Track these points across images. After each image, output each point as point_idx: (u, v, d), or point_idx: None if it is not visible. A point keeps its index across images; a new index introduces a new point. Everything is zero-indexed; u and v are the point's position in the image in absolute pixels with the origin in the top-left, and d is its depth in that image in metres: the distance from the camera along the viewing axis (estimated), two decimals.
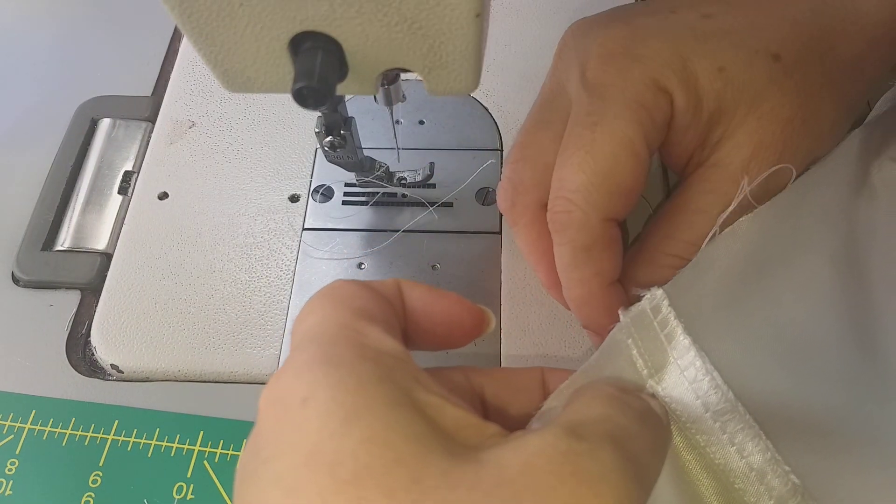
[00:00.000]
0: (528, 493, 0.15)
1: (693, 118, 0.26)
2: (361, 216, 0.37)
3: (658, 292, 0.23)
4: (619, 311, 0.24)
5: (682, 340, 0.22)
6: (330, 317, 0.19)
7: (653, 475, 0.19)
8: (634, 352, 0.23)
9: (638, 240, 0.30)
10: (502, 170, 0.31)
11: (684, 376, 0.22)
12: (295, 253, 0.36)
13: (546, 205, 0.28)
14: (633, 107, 0.25)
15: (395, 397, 0.17)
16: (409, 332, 0.22)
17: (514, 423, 0.21)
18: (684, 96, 0.26)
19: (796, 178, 0.27)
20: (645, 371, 0.23)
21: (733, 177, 0.26)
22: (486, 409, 0.23)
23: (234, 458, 0.31)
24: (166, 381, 0.34)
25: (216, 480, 0.31)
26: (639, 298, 0.24)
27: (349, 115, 0.32)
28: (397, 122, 0.41)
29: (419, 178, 0.38)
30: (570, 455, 0.16)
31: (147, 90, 0.44)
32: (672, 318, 0.23)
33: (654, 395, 0.22)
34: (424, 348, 0.23)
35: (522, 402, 0.23)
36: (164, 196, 0.39)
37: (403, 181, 0.38)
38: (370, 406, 0.16)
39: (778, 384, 0.23)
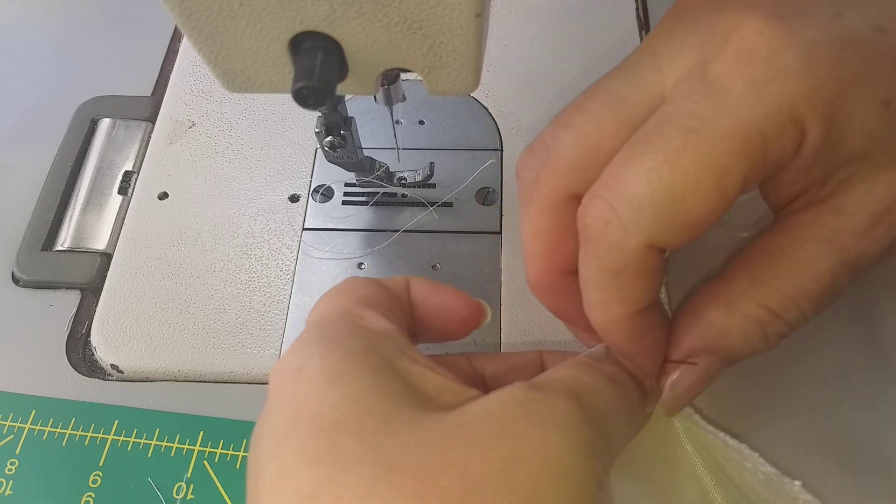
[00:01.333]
0: (482, 430, 0.17)
1: (826, 156, 0.21)
2: (361, 216, 0.37)
3: None
4: None
5: None
6: (333, 305, 0.21)
7: (618, 429, 0.20)
8: None
9: (715, 277, 0.24)
10: (543, 132, 0.24)
11: None
12: (295, 253, 0.36)
13: (576, 196, 0.22)
14: (749, 133, 0.19)
15: (377, 365, 0.19)
16: (415, 325, 0.23)
17: None
18: (822, 133, 0.20)
19: None
20: None
21: (857, 229, 0.21)
22: (486, 389, 0.23)
23: (234, 458, 0.31)
24: (166, 381, 0.34)
25: (216, 480, 0.31)
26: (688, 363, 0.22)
27: (349, 114, 0.32)
28: (397, 122, 0.41)
29: (419, 178, 0.38)
30: (524, 401, 0.18)
31: (147, 90, 0.44)
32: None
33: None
34: (429, 340, 0.24)
35: (522, 374, 0.24)
36: (164, 196, 0.39)
37: (403, 181, 0.38)
38: (352, 371, 0.18)
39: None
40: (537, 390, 0.18)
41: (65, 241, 0.38)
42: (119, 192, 0.40)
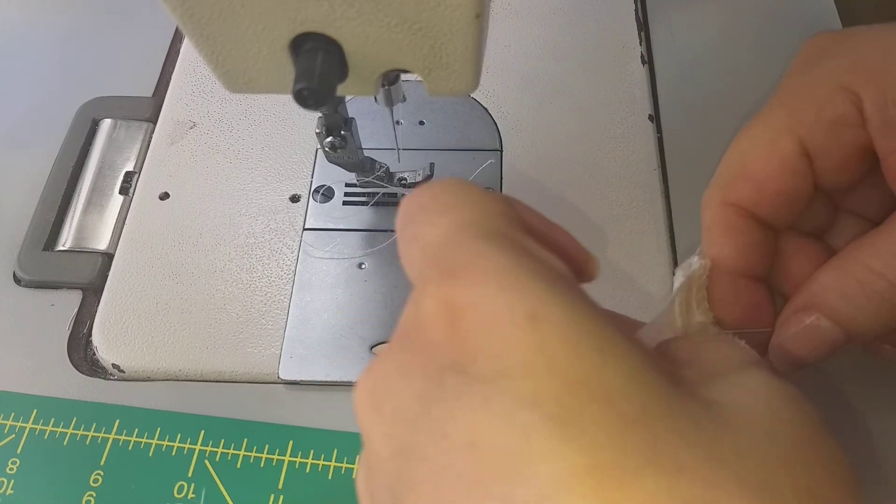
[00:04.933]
0: (785, 442, 0.14)
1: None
2: (362, 216, 0.37)
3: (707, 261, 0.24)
4: (676, 270, 0.25)
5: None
6: (482, 220, 0.16)
7: None
8: (676, 309, 0.24)
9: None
10: None
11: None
12: (295, 253, 0.36)
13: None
14: (797, 102, 0.24)
15: (616, 327, 0.14)
16: None
17: None
18: (875, 94, 0.22)
19: None
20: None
21: None
22: None
23: (235, 458, 0.31)
24: (167, 380, 0.34)
25: (217, 480, 0.31)
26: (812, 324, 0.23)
27: (349, 115, 0.32)
28: (397, 122, 0.41)
29: (419, 179, 0.38)
30: (788, 398, 0.15)
31: (148, 91, 0.44)
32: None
33: None
34: None
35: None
36: (165, 196, 0.39)
37: (404, 181, 0.38)
38: (612, 339, 0.14)
39: None
40: (786, 383, 0.16)
41: (66, 241, 0.38)
42: (120, 193, 0.40)
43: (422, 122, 0.41)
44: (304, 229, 0.37)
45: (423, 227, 0.16)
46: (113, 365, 0.34)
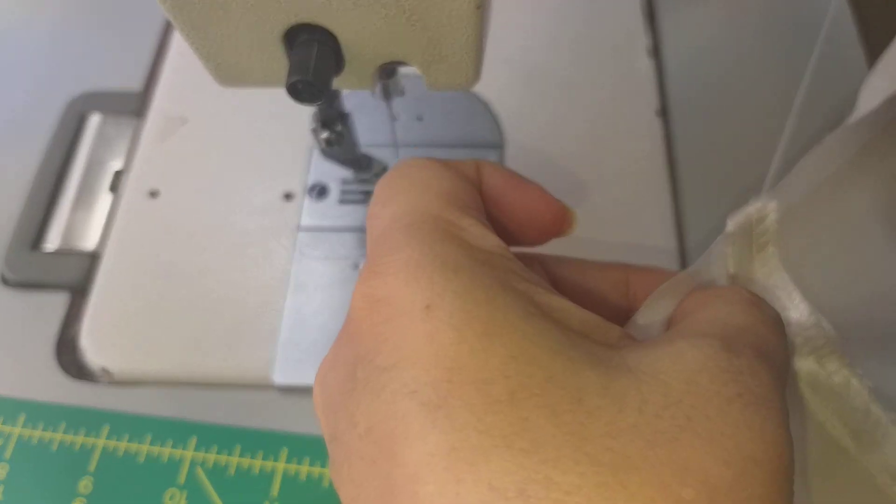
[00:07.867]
0: (699, 416, 0.13)
1: None
2: (358, 215, 0.37)
3: (772, 204, 0.20)
4: (728, 218, 0.21)
5: (773, 255, 0.21)
6: (418, 205, 0.17)
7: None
8: (730, 261, 0.21)
9: None
10: None
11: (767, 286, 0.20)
12: (290, 252, 0.36)
13: None
14: None
15: (525, 307, 0.15)
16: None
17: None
18: None
19: None
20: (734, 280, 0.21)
21: None
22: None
23: (228, 464, 0.31)
24: (158, 384, 0.33)
25: (209, 487, 0.31)
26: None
27: (346, 110, 0.31)
28: (395, 117, 0.40)
29: None
30: (731, 373, 0.14)
31: (138, 85, 0.43)
32: (771, 231, 0.20)
33: None
34: None
35: (602, 298, 0.20)
36: (155, 194, 0.38)
37: None
38: (505, 319, 0.14)
39: (865, 311, 0.22)
40: (738, 355, 0.15)
41: (54, 240, 0.37)
42: (109, 191, 0.39)
43: (420, 118, 0.40)
44: (299, 228, 0.37)
45: (374, 217, 0.18)
46: (102, 368, 0.34)
